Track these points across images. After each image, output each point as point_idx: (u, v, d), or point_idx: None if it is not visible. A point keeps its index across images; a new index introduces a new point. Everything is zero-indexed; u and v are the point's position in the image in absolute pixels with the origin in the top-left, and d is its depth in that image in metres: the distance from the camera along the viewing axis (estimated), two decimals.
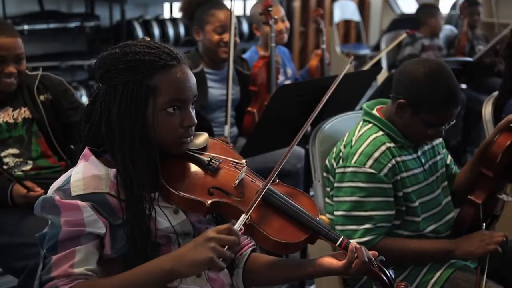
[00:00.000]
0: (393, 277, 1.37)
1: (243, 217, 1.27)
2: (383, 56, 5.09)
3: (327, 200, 2.01)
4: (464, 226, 1.96)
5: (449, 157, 2.08)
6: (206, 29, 2.82)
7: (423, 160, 1.92)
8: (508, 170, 1.96)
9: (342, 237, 1.35)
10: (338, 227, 1.84)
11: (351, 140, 1.87)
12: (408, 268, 1.89)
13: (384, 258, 1.39)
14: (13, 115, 2.26)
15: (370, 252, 1.35)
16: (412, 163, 1.88)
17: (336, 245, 1.35)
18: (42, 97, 2.31)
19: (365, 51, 6.56)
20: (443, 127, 1.84)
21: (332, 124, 2.24)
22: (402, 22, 5.90)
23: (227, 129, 2.76)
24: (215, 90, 2.88)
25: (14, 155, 2.24)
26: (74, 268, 1.24)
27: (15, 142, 2.24)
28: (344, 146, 1.88)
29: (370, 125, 1.88)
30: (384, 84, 2.83)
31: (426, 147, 1.96)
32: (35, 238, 1.31)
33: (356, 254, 1.31)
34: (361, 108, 1.92)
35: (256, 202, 1.30)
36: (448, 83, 1.79)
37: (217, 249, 1.18)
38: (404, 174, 1.84)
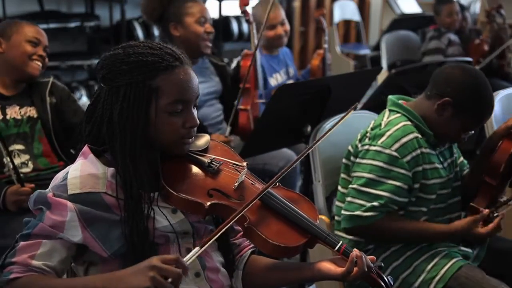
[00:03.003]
0: (392, 283, 1.36)
1: (196, 250, 1.23)
2: (383, 56, 5.10)
3: (340, 189, 2.04)
4: None
5: (461, 158, 2.12)
6: (187, 22, 2.76)
7: (441, 159, 1.97)
8: (510, 175, 1.98)
9: (340, 242, 1.35)
10: (348, 198, 1.89)
11: (380, 124, 1.92)
12: (413, 264, 1.90)
13: (382, 264, 1.39)
14: (20, 112, 2.34)
15: (369, 257, 1.35)
16: (434, 158, 1.94)
17: (335, 250, 1.34)
18: (49, 100, 2.41)
19: (365, 51, 6.55)
20: (470, 133, 1.92)
21: (332, 124, 2.24)
22: (402, 22, 5.90)
23: (228, 130, 2.76)
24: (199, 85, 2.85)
25: (20, 151, 2.30)
26: (33, 260, 1.27)
27: (20, 138, 2.31)
28: (372, 129, 1.93)
29: (399, 114, 1.93)
30: (384, 84, 2.82)
31: (442, 148, 2.00)
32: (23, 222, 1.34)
33: (356, 263, 1.31)
34: (361, 108, 1.94)
35: (254, 201, 1.30)
36: (491, 94, 1.92)
37: (157, 280, 1.14)
38: (427, 166, 1.90)
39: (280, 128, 2.57)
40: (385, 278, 1.35)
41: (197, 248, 1.23)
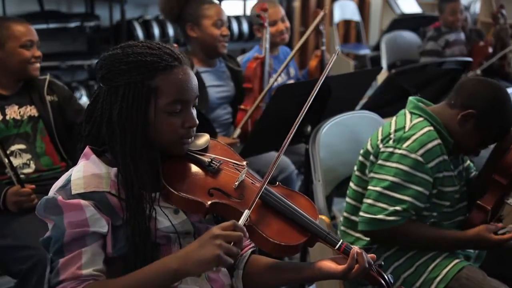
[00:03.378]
0: (392, 281, 1.36)
1: (246, 213, 1.27)
2: (383, 56, 5.10)
3: (353, 186, 2.03)
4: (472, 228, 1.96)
5: (468, 161, 2.12)
6: (204, 24, 2.79)
7: (452, 166, 1.96)
8: None
9: (341, 240, 1.35)
10: (369, 201, 1.87)
11: (404, 127, 1.90)
12: (415, 265, 1.91)
13: (383, 263, 1.39)
14: (19, 112, 2.32)
15: (369, 255, 1.35)
16: (450, 165, 1.93)
17: (335, 248, 1.34)
18: (49, 98, 2.40)
19: (365, 51, 6.56)
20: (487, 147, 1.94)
21: (332, 124, 2.24)
22: (402, 22, 5.90)
23: (237, 132, 2.77)
24: (211, 88, 2.88)
25: (21, 150, 2.29)
26: (82, 270, 1.24)
27: (21, 138, 2.30)
28: (395, 130, 1.91)
29: (421, 118, 1.92)
30: (384, 84, 2.82)
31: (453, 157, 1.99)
32: (39, 242, 1.31)
33: (356, 260, 1.31)
34: (361, 108, 1.93)
35: (258, 196, 1.31)
36: None
37: (224, 246, 1.18)
38: (446, 174, 1.90)
39: (280, 128, 2.56)
40: (386, 276, 1.36)
41: (246, 211, 1.27)
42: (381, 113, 2.47)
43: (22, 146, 2.29)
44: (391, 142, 1.89)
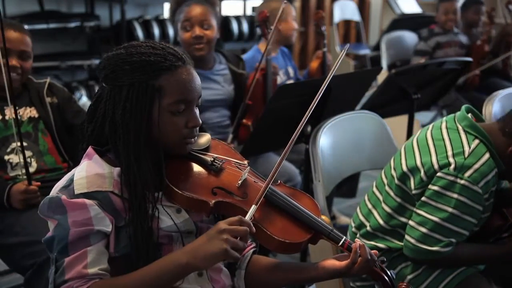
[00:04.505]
0: (394, 277, 1.37)
1: (253, 208, 1.28)
2: (383, 56, 5.10)
3: (388, 189, 1.92)
4: (487, 232, 1.93)
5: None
6: (178, 28, 2.77)
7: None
8: None
9: (344, 237, 1.36)
10: (423, 230, 1.78)
11: (463, 151, 1.77)
12: (420, 269, 1.88)
13: (385, 259, 1.40)
14: (18, 113, 2.30)
15: (372, 251, 1.36)
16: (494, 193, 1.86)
17: (339, 245, 1.35)
18: (49, 99, 2.39)
19: (365, 51, 6.56)
20: None
21: (332, 124, 2.24)
22: (402, 22, 5.90)
23: (230, 138, 2.75)
24: (203, 91, 2.82)
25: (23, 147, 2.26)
26: (88, 269, 1.24)
27: (23, 137, 2.26)
28: (454, 155, 1.77)
29: (478, 141, 1.79)
30: (384, 84, 2.83)
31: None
32: (42, 242, 1.31)
33: (359, 254, 1.32)
34: (361, 108, 1.90)
35: (264, 193, 1.31)
36: None
37: (230, 240, 1.19)
38: (489, 201, 1.82)
39: (280, 128, 2.56)
40: (388, 272, 1.37)
41: (253, 206, 1.28)
42: (381, 113, 2.47)
43: (24, 144, 2.26)
44: (451, 169, 1.75)
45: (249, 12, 6.26)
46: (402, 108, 2.95)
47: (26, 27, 4.29)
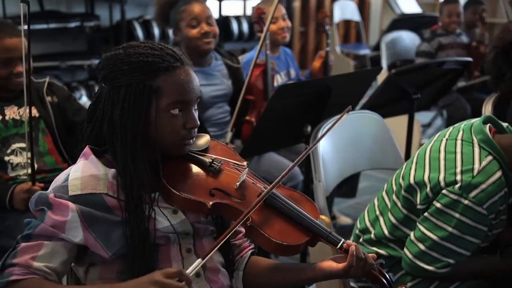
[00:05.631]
0: (393, 280, 1.37)
1: (198, 262, 1.22)
2: (383, 56, 5.10)
3: (395, 199, 1.86)
4: (496, 244, 1.88)
5: None
6: (181, 26, 2.79)
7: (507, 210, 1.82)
8: None
9: (342, 240, 1.36)
10: (422, 247, 1.74)
11: (472, 169, 1.69)
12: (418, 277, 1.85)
13: (383, 262, 1.39)
14: (18, 112, 2.32)
15: (370, 254, 1.36)
16: (506, 210, 1.79)
17: (337, 248, 1.35)
18: (49, 98, 2.39)
19: (365, 51, 6.56)
20: None
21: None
22: (402, 22, 5.90)
23: (228, 137, 2.76)
24: (203, 88, 2.84)
25: (22, 149, 2.28)
26: (35, 261, 1.26)
27: (22, 137, 2.28)
28: (461, 172, 1.70)
29: (491, 157, 1.71)
30: (384, 84, 2.83)
31: None
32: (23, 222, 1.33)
33: (355, 256, 1.31)
34: (361, 108, 1.88)
35: (259, 203, 1.30)
36: None
37: None
38: (499, 219, 1.77)
39: (280, 128, 2.56)
40: (387, 275, 1.36)
41: (199, 260, 1.22)
42: (381, 113, 2.47)
43: (23, 145, 2.28)
44: (457, 188, 1.68)
45: (249, 12, 6.26)
46: (402, 108, 2.94)
47: (26, 27, 4.32)
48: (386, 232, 1.88)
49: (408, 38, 5.34)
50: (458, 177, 1.69)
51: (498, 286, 1.86)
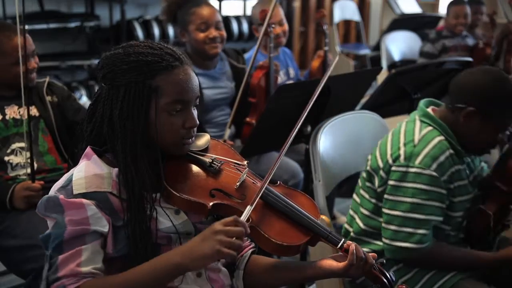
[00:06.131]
0: (394, 279, 1.37)
1: (248, 208, 1.27)
2: (383, 56, 5.10)
3: (363, 192, 1.97)
4: (475, 234, 1.95)
5: (482, 163, 2.05)
6: (190, 29, 2.79)
7: (468, 172, 1.90)
8: None
9: (343, 239, 1.36)
10: (392, 227, 1.80)
11: (413, 140, 1.82)
12: (413, 271, 1.88)
13: (384, 261, 1.39)
14: (19, 112, 2.32)
15: (370, 254, 1.36)
16: (464, 173, 1.87)
17: (337, 247, 1.35)
18: (49, 98, 2.40)
19: (365, 51, 6.56)
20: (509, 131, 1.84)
21: (332, 124, 2.24)
22: (402, 22, 5.90)
23: (227, 134, 2.75)
24: (207, 90, 2.85)
25: (22, 148, 2.28)
26: (81, 267, 1.24)
27: (22, 137, 2.28)
28: (404, 145, 1.83)
29: (431, 128, 1.84)
30: (384, 84, 2.83)
31: (469, 159, 1.92)
32: (39, 240, 1.31)
33: (356, 255, 1.31)
34: (361, 108, 1.91)
35: (261, 192, 1.31)
36: (510, 81, 1.82)
37: (224, 241, 1.19)
38: (457, 184, 1.83)
39: (280, 128, 2.56)
40: (387, 274, 1.36)
41: (248, 207, 1.28)
42: (381, 113, 2.47)
43: (23, 144, 2.28)
44: (402, 159, 1.80)
45: (249, 12, 6.26)
46: (402, 108, 2.94)
47: (26, 27, 4.31)
48: (362, 226, 1.94)
49: (408, 38, 5.33)
50: (402, 150, 1.81)
51: (488, 280, 1.87)
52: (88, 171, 1.32)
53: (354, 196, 2.02)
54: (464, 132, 1.82)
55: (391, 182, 1.82)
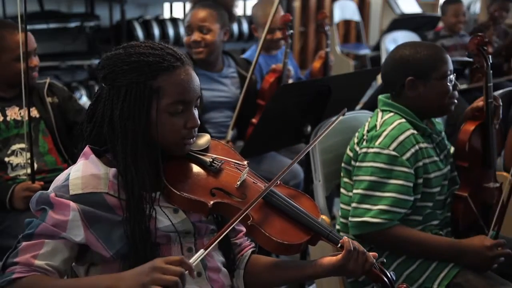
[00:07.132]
0: (394, 278, 1.37)
1: (200, 252, 1.23)
2: (383, 56, 5.10)
3: (342, 190, 2.03)
4: (459, 221, 2.00)
5: (452, 148, 2.11)
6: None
7: (438, 151, 1.98)
8: (484, 158, 2.01)
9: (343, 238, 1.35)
10: (353, 204, 1.88)
11: (375, 125, 1.92)
12: (416, 263, 1.90)
13: (385, 260, 1.40)
14: (20, 113, 2.32)
15: (371, 253, 1.36)
16: (432, 151, 1.94)
17: (338, 246, 1.35)
18: (50, 99, 2.40)
19: (365, 51, 6.56)
20: (453, 76, 1.93)
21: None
22: (402, 22, 5.89)
23: (229, 134, 2.75)
24: (206, 92, 2.82)
25: (22, 149, 2.28)
26: (36, 259, 1.26)
27: (23, 138, 2.28)
28: (368, 131, 1.93)
29: (392, 113, 1.93)
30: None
31: (438, 139, 2.00)
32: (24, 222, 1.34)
33: (351, 243, 1.32)
34: (362, 108, 1.94)
35: (258, 199, 1.31)
36: (427, 43, 2.04)
37: (158, 278, 1.15)
38: (427, 161, 1.90)
39: (280, 128, 2.57)
40: (388, 274, 1.36)
41: (201, 251, 1.23)
42: None
43: (23, 145, 2.28)
44: (364, 143, 1.91)
45: (249, 12, 6.26)
46: None
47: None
48: (342, 220, 2.01)
49: (408, 38, 5.32)
50: (365, 136, 1.93)
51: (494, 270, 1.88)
52: (85, 171, 1.32)
53: (341, 204, 2.07)
54: (419, 104, 1.92)
55: (355, 164, 1.92)
